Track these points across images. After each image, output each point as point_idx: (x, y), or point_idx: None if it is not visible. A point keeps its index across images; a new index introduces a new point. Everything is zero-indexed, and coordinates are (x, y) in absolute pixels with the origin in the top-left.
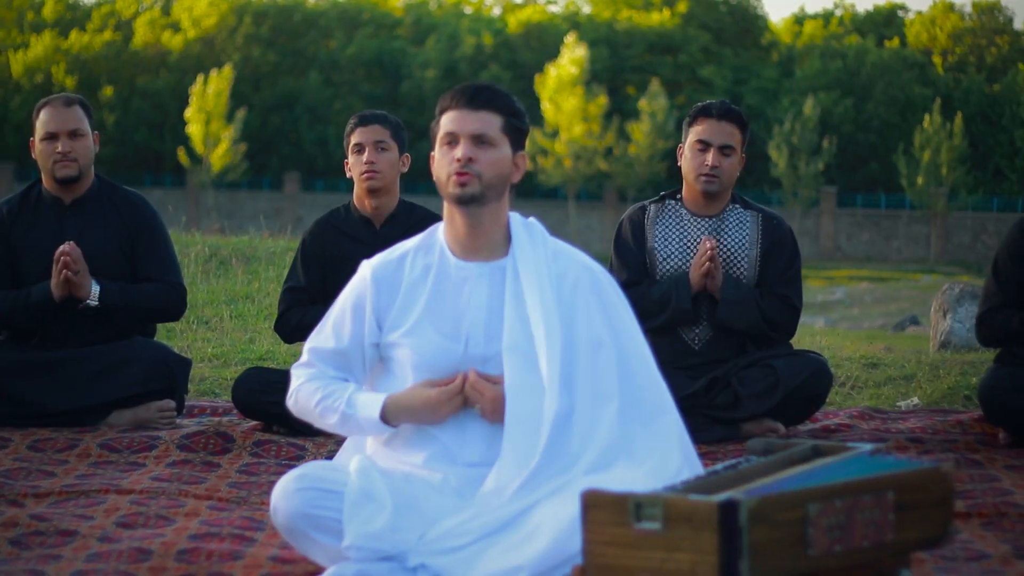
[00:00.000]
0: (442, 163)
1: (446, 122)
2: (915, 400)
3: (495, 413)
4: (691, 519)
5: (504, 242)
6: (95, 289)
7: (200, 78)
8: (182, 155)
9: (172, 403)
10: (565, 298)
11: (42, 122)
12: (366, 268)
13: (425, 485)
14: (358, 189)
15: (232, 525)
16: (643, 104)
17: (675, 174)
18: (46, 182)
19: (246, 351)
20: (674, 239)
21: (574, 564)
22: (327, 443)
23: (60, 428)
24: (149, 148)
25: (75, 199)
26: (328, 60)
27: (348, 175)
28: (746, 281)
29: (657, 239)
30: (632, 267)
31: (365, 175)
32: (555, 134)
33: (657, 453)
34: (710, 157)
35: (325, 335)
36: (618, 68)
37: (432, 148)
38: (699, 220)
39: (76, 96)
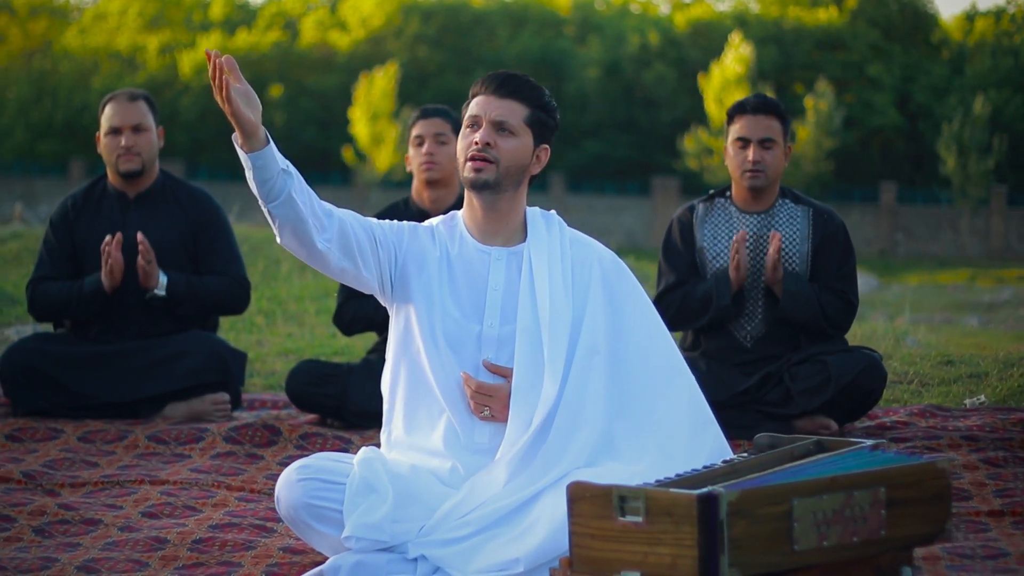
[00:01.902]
0: (462, 145)
1: (473, 106)
2: (981, 398)
3: (505, 411)
4: (671, 512)
5: (521, 230)
6: (163, 280)
7: (365, 77)
8: (348, 154)
9: (227, 396)
10: (580, 283)
11: (107, 116)
12: (410, 223)
13: (430, 476)
14: (417, 182)
15: (255, 516)
16: (809, 102)
17: (841, 172)
18: (111, 176)
19: (324, 346)
20: (723, 237)
21: (561, 556)
22: (374, 436)
23: (113, 420)
24: (317, 147)
25: (139, 193)
26: (493, 59)
27: (408, 169)
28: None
29: (706, 238)
30: (679, 269)
31: (424, 166)
32: (721, 132)
33: (657, 447)
34: (751, 152)
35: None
36: (785, 66)
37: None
38: (748, 217)
39: (141, 91)
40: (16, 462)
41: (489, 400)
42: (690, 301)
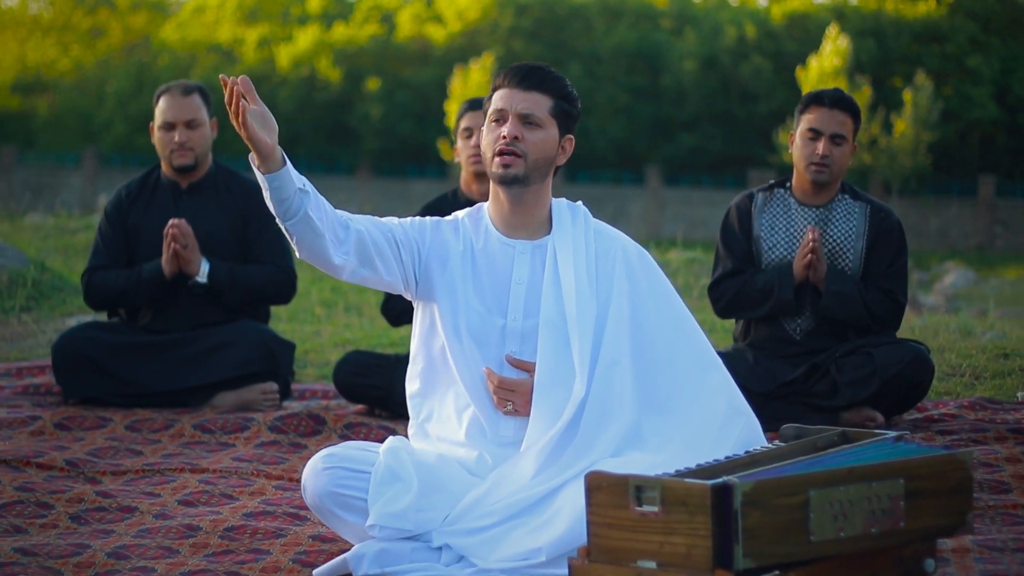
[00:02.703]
0: (488, 140)
1: (496, 99)
2: None
3: (527, 406)
4: (686, 502)
5: (547, 222)
6: (204, 267)
7: (460, 70)
8: (444, 147)
9: (275, 386)
10: (604, 276)
11: (160, 110)
12: (434, 218)
13: (457, 466)
14: (466, 174)
15: (290, 505)
16: (907, 95)
17: (940, 166)
18: (164, 167)
19: (380, 337)
20: (780, 228)
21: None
22: None
23: (162, 409)
24: (413, 140)
25: (191, 183)
26: (589, 52)
27: (456, 160)
28: (851, 273)
29: (763, 228)
30: (737, 255)
31: (472, 158)
32: None
33: (683, 438)
34: (821, 146)
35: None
36: (883, 59)
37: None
38: (807, 210)
39: (195, 84)
40: (61, 450)
41: (512, 395)
42: (749, 290)
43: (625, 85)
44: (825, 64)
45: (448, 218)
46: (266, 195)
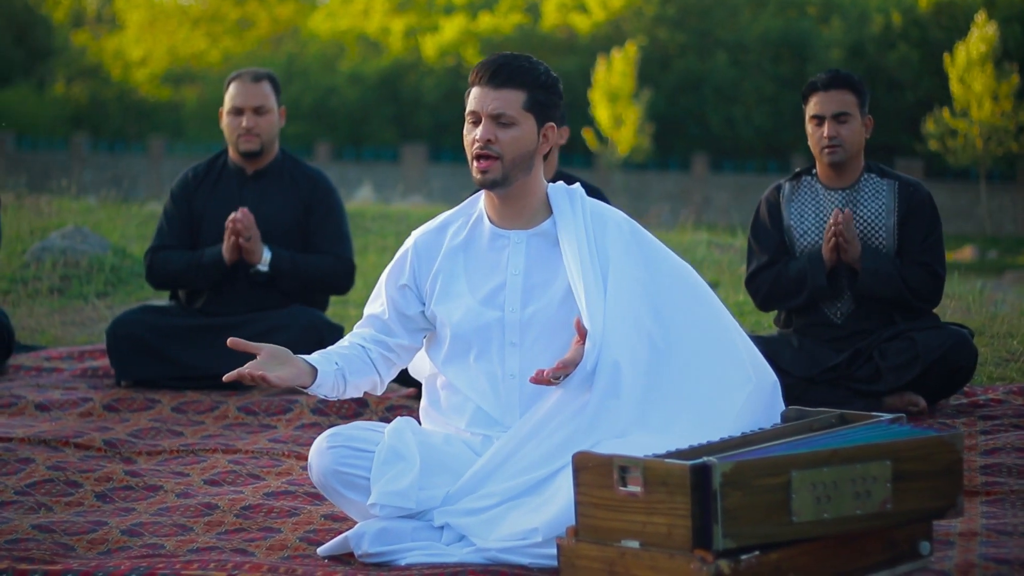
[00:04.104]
0: (466, 142)
1: (471, 99)
2: None
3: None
4: (667, 483)
5: (543, 207)
6: (266, 255)
7: (603, 59)
8: (589, 136)
9: None
10: (603, 254)
11: (230, 95)
12: (410, 238)
13: (463, 446)
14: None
15: (312, 485)
16: None
17: None
18: (231, 152)
19: None
20: (809, 214)
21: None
22: None
23: (210, 391)
24: None
25: (257, 170)
26: (734, 40)
27: None
28: (885, 251)
29: (793, 216)
30: (769, 249)
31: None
32: (965, 113)
33: (687, 416)
34: (826, 129)
35: (373, 302)
36: None
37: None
38: (833, 193)
39: (265, 71)
40: (104, 431)
41: (572, 370)
42: (783, 280)
43: (771, 74)
44: (972, 51)
45: (428, 230)
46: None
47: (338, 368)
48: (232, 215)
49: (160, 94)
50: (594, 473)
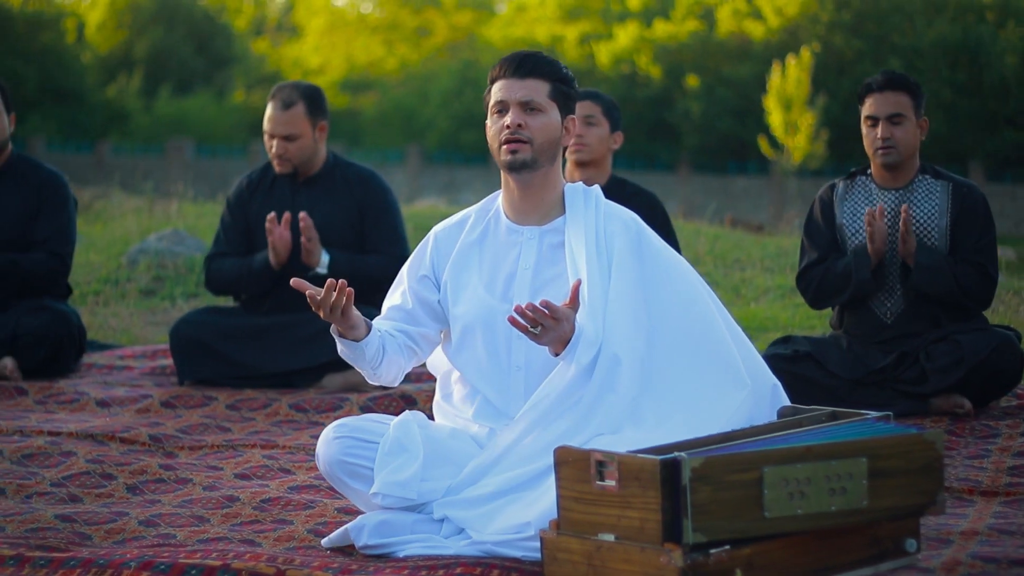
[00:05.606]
0: (493, 131)
1: (496, 91)
2: None
3: (556, 341)
4: (639, 477)
5: (558, 205)
6: (324, 258)
7: (777, 65)
8: (764, 143)
9: None
10: (609, 254)
11: (265, 116)
12: (431, 232)
13: (468, 439)
14: (568, 163)
15: None
16: None
17: None
18: None
19: None
20: (862, 214)
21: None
22: None
23: (267, 389)
24: (733, 137)
25: (307, 177)
26: (910, 46)
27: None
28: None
29: (845, 215)
30: (821, 246)
31: (573, 147)
32: None
33: (680, 414)
34: (880, 130)
35: (394, 293)
36: None
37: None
38: (887, 193)
39: (300, 92)
40: (154, 426)
41: (548, 319)
42: (830, 277)
43: (947, 80)
44: None
45: (448, 225)
46: (356, 361)
47: (382, 337)
48: (270, 216)
49: (338, 102)
50: (574, 467)
